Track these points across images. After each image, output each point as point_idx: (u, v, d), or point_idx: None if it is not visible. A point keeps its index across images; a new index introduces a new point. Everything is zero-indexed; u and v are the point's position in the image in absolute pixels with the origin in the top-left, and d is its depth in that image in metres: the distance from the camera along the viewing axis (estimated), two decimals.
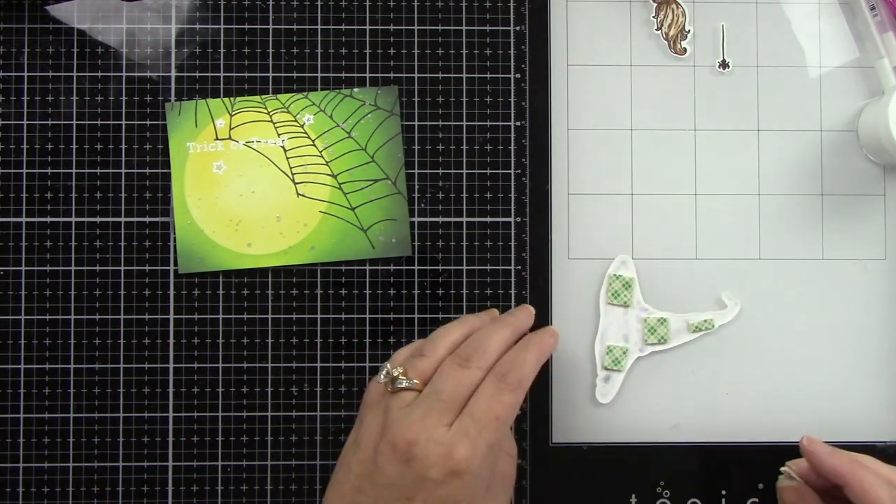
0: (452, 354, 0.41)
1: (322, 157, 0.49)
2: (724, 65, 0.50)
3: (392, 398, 0.40)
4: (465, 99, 0.49)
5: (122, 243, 0.48)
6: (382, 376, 0.41)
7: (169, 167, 0.48)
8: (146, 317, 0.48)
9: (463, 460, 0.38)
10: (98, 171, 0.48)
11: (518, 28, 0.49)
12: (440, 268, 0.49)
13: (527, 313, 0.45)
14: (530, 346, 0.42)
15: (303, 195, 0.49)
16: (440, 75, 0.49)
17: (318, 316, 0.48)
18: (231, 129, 0.49)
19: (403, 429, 0.39)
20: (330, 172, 0.49)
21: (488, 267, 0.49)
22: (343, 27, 0.49)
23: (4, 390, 0.48)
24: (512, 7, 0.49)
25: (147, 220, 0.49)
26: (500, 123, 0.49)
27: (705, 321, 0.48)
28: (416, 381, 0.40)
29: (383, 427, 0.39)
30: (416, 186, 0.49)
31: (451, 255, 0.49)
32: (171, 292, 0.48)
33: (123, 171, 0.49)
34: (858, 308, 0.49)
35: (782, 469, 0.43)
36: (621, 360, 0.48)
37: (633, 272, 0.48)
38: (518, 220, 0.49)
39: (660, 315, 0.48)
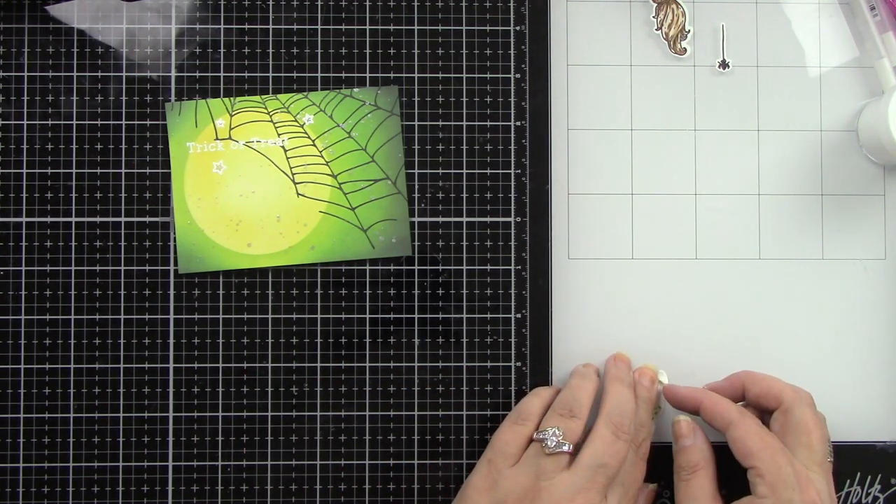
0: (604, 420, 0.44)
1: (322, 157, 0.49)
2: (724, 65, 0.50)
3: (545, 458, 0.42)
4: (465, 99, 0.49)
5: (122, 243, 0.48)
6: (549, 439, 0.43)
7: (169, 167, 0.48)
8: (146, 317, 0.48)
9: None
10: (98, 171, 0.48)
11: (518, 28, 0.49)
12: (440, 268, 0.49)
13: (629, 366, 0.48)
14: (644, 404, 0.46)
15: (303, 195, 0.49)
16: (440, 75, 0.49)
17: (318, 316, 0.48)
18: (231, 129, 0.49)
19: (566, 499, 0.41)
20: (330, 172, 0.49)
21: (488, 267, 0.49)
22: (343, 27, 0.49)
23: (4, 390, 0.48)
24: (512, 7, 0.49)
25: (147, 220, 0.49)
26: (500, 123, 0.49)
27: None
28: (571, 445, 0.43)
29: (537, 489, 0.42)
30: (416, 186, 0.49)
31: (451, 255, 0.49)
32: (171, 292, 0.48)
33: (123, 171, 0.49)
34: (858, 308, 0.49)
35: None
36: None
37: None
38: (518, 220, 0.49)
39: None
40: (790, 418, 0.44)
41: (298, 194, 0.49)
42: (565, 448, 0.42)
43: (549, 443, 0.43)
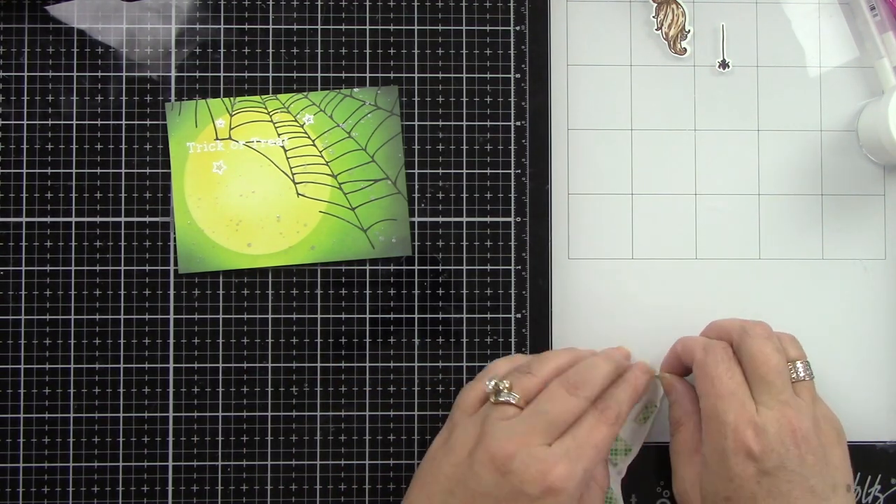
0: (560, 378, 0.43)
1: (322, 157, 0.49)
2: (724, 65, 0.50)
3: (493, 408, 0.42)
4: (465, 99, 0.49)
5: (122, 243, 0.48)
6: (490, 386, 0.42)
7: (169, 167, 0.48)
8: (146, 317, 0.48)
9: (560, 479, 0.39)
10: (98, 171, 0.48)
11: (518, 28, 0.49)
12: (440, 268, 0.49)
13: (625, 354, 0.47)
14: (627, 386, 0.44)
15: (303, 195, 0.49)
16: (440, 75, 0.49)
17: (318, 316, 0.48)
18: (231, 129, 0.49)
19: (503, 441, 0.40)
20: (330, 172, 0.49)
21: (488, 267, 0.49)
22: (343, 27, 0.49)
23: (4, 390, 0.48)
24: (512, 7, 0.49)
25: (147, 220, 0.49)
26: (500, 123, 0.49)
27: (645, 407, 0.48)
28: (519, 397, 0.42)
29: (480, 434, 0.41)
30: (416, 186, 0.49)
31: (451, 255, 0.49)
32: (171, 292, 0.48)
33: (123, 171, 0.49)
34: (858, 308, 0.49)
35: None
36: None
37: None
38: (518, 220, 0.49)
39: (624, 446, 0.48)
40: (742, 356, 0.43)
41: (298, 194, 0.49)
42: (510, 398, 0.41)
43: (488, 387, 0.42)
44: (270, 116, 0.49)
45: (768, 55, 0.50)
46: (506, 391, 0.42)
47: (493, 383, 0.42)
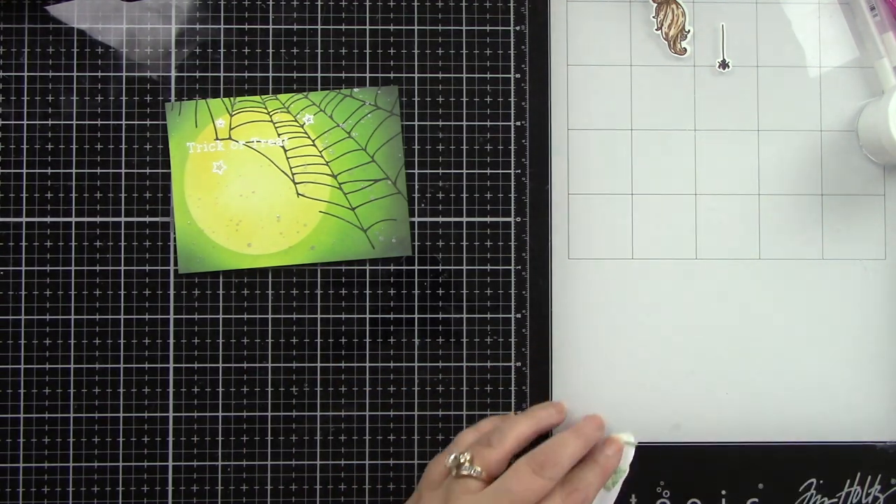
0: (527, 457, 0.42)
1: (322, 157, 0.49)
2: (724, 65, 0.50)
3: (455, 482, 0.41)
4: (465, 99, 0.49)
5: (122, 243, 0.48)
6: (450, 460, 0.42)
7: (169, 167, 0.48)
8: (146, 317, 0.48)
9: None
10: (98, 171, 0.48)
11: (518, 28, 0.49)
12: (440, 268, 0.49)
13: (597, 425, 0.46)
14: (597, 467, 0.44)
15: (303, 195, 0.49)
16: (440, 75, 0.49)
17: (318, 316, 0.48)
18: (231, 129, 0.49)
19: None
20: (330, 172, 0.49)
21: (488, 267, 0.49)
22: (343, 27, 0.49)
23: (4, 390, 0.48)
24: (512, 7, 0.49)
25: (147, 220, 0.49)
26: (500, 123, 0.49)
27: (613, 473, 0.46)
28: (481, 470, 0.41)
29: None
30: (416, 186, 0.49)
31: (451, 255, 0.49)
32: (171, 292, 0.48)
33: (123, 171, 0.49)
34: (858, 308, 0.49)
35: None
36: None
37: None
38: (518, 220, 0.49)
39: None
40: None
41: (298, 194, 0.49)
42: (472, 472, 0.41)
43: (449, 463, 0.42)
44: (270, 116, 0.49)
45: (768, 55, 0.50)
46: (467, 464, 0.42)
47: (452, 457, 0.42)
